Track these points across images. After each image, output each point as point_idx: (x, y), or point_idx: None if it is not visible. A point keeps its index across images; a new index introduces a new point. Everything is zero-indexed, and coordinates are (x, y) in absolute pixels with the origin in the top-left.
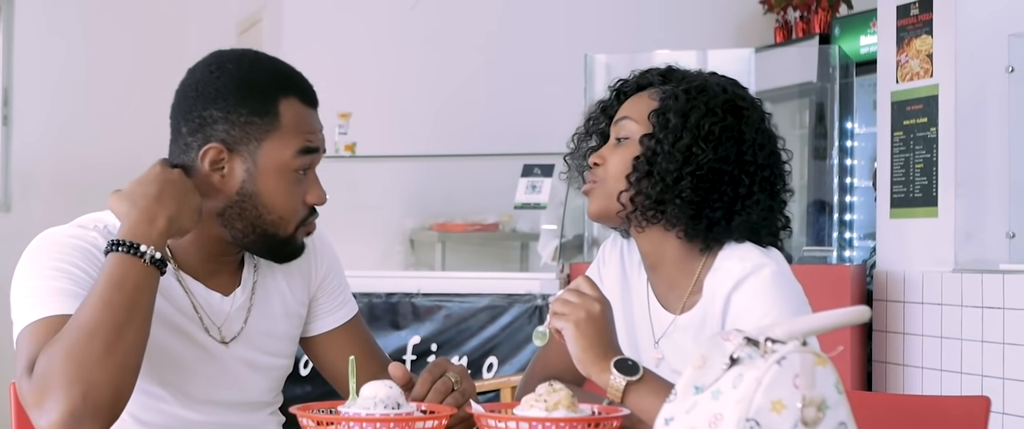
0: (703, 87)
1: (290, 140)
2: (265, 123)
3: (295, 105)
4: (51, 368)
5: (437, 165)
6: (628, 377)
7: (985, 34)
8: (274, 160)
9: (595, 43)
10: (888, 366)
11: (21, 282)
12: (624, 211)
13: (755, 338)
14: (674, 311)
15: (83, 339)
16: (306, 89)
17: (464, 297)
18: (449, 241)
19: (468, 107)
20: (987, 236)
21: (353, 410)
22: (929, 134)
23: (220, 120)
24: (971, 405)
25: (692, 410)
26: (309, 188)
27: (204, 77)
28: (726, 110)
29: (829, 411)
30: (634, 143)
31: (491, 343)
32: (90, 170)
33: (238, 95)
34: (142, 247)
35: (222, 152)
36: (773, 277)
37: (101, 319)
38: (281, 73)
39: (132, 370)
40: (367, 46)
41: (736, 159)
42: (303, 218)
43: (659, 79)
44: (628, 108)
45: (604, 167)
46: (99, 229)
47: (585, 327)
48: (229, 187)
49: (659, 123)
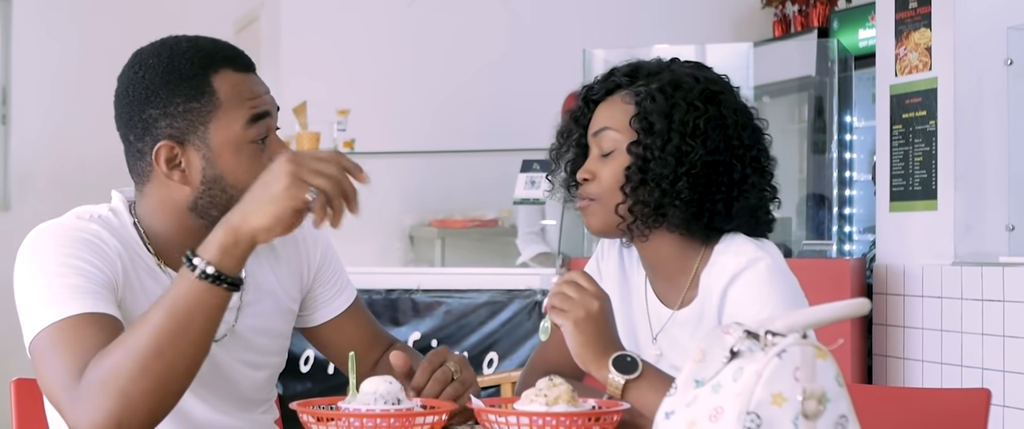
0: (676, 82)
1: (235, 113)
2: (203, 105)
3: (228, 76)
4: (105, 380)
5: (436, 161)
6: (626, 375)
7: (984, 27)
8: (226, 138)
9: (593, 38)
10: (888, 359)
11: (29, 281)
12: (624, 222)
13: (755, 331)
14: (672, 306)
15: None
16: (234, 56)
17: (464, 293)
18: (448, 237)
19: (467, 103)
20: (987, 229)
21: (353, 406)
22: (928, 127)
23: (160, 117)
24: (972, 397)
25: (692, 404)
26: (272, 152)
27: (131, 80)
28: (705, 100)
29: (830, 404)
30: (621, 153)
31: (491, 339)
32: (88, 168)
33: (168, 86)
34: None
35: (173, 148)
36: (768, 271)
37: (163, 333)
38: (205, 49)
39: (175, 391)
40: (365, 43)
41: (725, 147)
42: None
43: (626, 80)
44: (605, 118)
45: (596, 182)
46: (94, 219)
47: (584, 325)
48: (193, 180)
49: (643, 128)
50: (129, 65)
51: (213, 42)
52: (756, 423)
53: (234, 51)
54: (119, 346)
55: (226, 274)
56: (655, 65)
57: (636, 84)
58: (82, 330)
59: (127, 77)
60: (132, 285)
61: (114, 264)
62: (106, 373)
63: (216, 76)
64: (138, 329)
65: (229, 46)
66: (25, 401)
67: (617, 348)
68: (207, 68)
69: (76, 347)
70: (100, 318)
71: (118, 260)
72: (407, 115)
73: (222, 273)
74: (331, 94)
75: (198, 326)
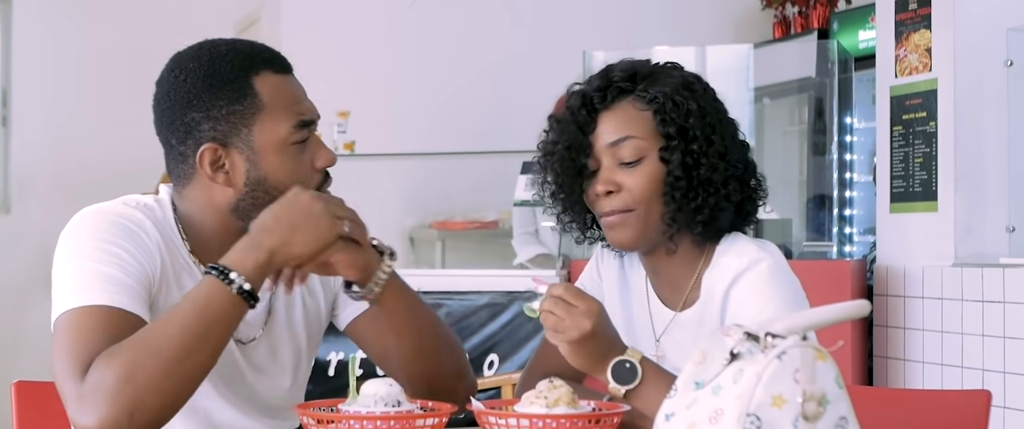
0: (685, 83)
1: (280, 115)
2: (246, 107)
3: (269, 78)
4: (105, 379)
5: (436, 163)
6: (626, 385)
7: (984, 28)
8: (269, 140)
9: (593, 39)
10: (889, 361)
11: (66, 261)
12: (669, 231)
13: (755, 333)
14: (674, 308)
15: (146, 357)
16: (272, 58)
17: (464, 295)
18: (449, 239)
19: (467, 105)
20: (987, 230)
21: (353, 408)
22: (928, 128)
23: (203, 120)
24: (972, 399)
25: (692, 406)
26: (314, 154)
27: (172, 84)
28: (713, 99)
29: (830, 406)
30: (651, 161)
31: (492, 341)
32: (89, 170)
33: (210, 90)
34: (232, 274)
35: (217, 150)
36: (770, 271)
37: (170, 340)
38: (242, 53)
39: (186, 395)
40: (366, 44)
41: (739, 149)
42: (318, 184)
43: (628, 85)
44: (621, 126)
45: (627, 193)
46: (140, 206)
47: (578, 345)
48: (236, 181)
49: (678, 133)
50: (169, 70)
51: (251, 44)
52: (756, 425)
53: (272, 53)
54: (140, 345)
55: (255, 291)
56: (648, 67)
57: (639, 89)
58: (100, 322)
59: (167, 82)
60: (168, 280)
61: (153, 257)
62: (125, 370)
63: (257, 78)
64: (163, 330)
65: (267, 48)
66: (26, 403)
67: (617, 353)
68: (248, 70)
69: (88, 339)
70: (125, 316)
71: (157, 253)
72: (407, 117)
73: (254, 290)
74: (331, 96)
75: (219, 334)
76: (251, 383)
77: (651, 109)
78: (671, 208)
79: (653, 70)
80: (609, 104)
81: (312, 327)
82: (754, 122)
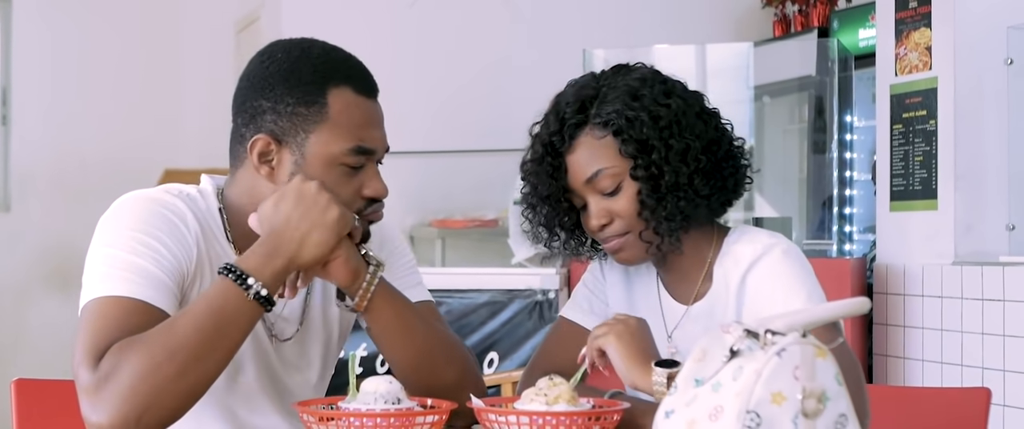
0: (631, 93)
1: (340, 133)
2: (312, 113)
3: (346, 94)
4: (117, 373)
5: (436, 161)
6: (669, 370)
7: (984, 26)
8: (322, 152)
9: (593, 38)
10: (889, 359)
11: (101, 247)
12: (653, 245)
13: (755, 330)
14: (686, 302)
15: (160, 357)
16: (359, 77)
17: (464, 293)
18: (448, 237)
19: (467, 103)
20: (987, 228)
21: (353, 405)
22: (928, 127)
23: (268, 110)
24: (972, 396)
25: (692, 403)
26: (366, 181)
27: (256, 67)
28: (665, 96)
29: (829, 403)
30: (628, 183)
31: (492, 339)
32: (89, 169)
33: (286, 84)
34: (250, 280)
35: (270, 144)
36: (785, 255)
37: (185, 342)
38: (332, 61)
39: (196, 397)
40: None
41: (704, 128)
42: (359, 211)
43: (580, 117)
44: (590, 161)
45: (620, 219)
46: (182, 196)
47: (626, 338)
48: (279, 178)
49: (638, 149)
50: (261, 52)
51: (347, 58)
52: (756, 422)
53: (361, 72)
54: (156, 344)
55: (272, 296)
56: (592, 89)
57: (591, 116)
58: (125, 315)
59: (255, 62)
60: (203, 273)
61: (189, 249)
62: (139, 368)
63: (333, 90)
64: (180, 331)
65: (359, 67)
66: (26, 401)
67: (657, 356)
68: (327, 79)
69: (109, 329)
70: (150, 309)
71: (194, 245)
72: (407, 115)
73: (271, 296)
74: None
75: (234, 338)
76: (282, 378)
77: (609, 132)
78: (651, 222)
79: (598, 90)
80: (570, 144)
81: (344, 323)
82: (754, 120)
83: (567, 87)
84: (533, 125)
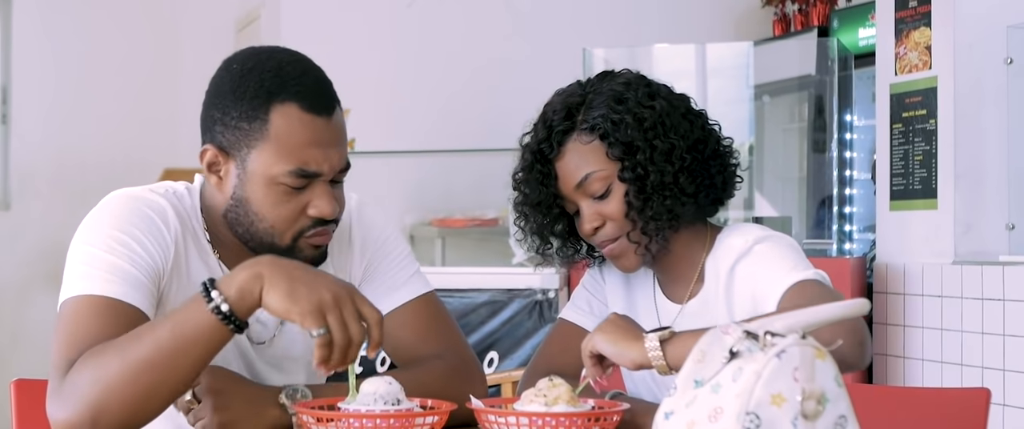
0: (616, 97)
1: (280, 154)
2: (253, 129)
3: (290, 112)
4: (76, 374)
5: (436, 160)
6: (660, 333)
7: (983, 26)
8: (261, 171)
9: (593, 37)
10: (889, 359)
11: (80, 244)
12: (641, 246)
13: (755, 332)
14: (680, 301)
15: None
16: (310, 94)
17: (464, 292)
18: (449, 236)
19: (466, 102)
20: (987, 228)
21: (353, 406)
22: (928, 126)
23: (218, 121)
24: (972, 397)
25: (692, 404)
26: (313, 200)
27: (216, 76)
28: (649, 98)
29: (829, 404)
30: (616, 185)
31: (492, 338)
32: (89, 168)
33: (233, 96)
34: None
35: (217, 155)
36: (775, 243)
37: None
38: (282, 76)
39: (155, 406)
40: (365, 42)
41: (690, 128)
42: (302, 229)
43: (567, 124)
44: (578, 166)
45: (612, 223)
46: (167, 193)
47: (608, 328)
48: (226, 190)
49: (624, 152)
50: (224, 62)
51: (301, 73)
52: (755, 423)
53: (315, 90)
54: (116, 349)
55: (237, 316)
56: (578, 96)
57: (578, 122)
58: (99, 315)
59: (219, 70)
60: (180, 271)
61: (167, 247)
62: (94, 372)
63: (277, 107)
64: (139, 339)
65: (314, 82)
66: (25, 401)
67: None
68: (273, 95)
69: (83, 331)
70: (124, 307)
71: (172, 243)
72: (407, 114)
73: (234, 314)
74: None
75: (196, 355)
76: (266, 379)
77: (596, 137)
78: (638, 223)
79: (584, 97)
80: (558, 151)
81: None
82: (754, 120)
83: (554, 96)
84: (523, 136)
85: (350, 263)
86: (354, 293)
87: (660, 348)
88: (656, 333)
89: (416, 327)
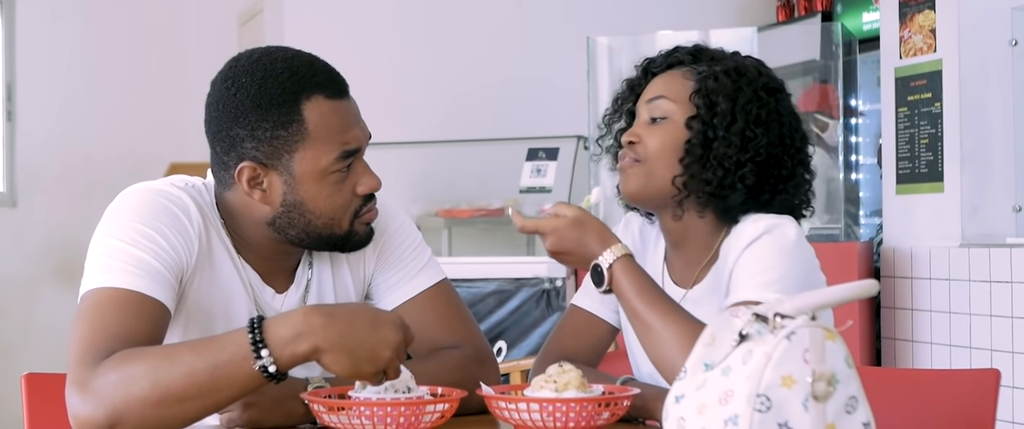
0: (741, 69)
1: (324, 146)
2: (291, 134)
3: (319, 104)
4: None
5: (442, 151)
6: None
7: (988, 8)
8: (310, 169)
9: (597, 25)
10: (897, 342)
11: (103, 236)
12: (678, 195)
13: (764, 314)
14: (685, 286)
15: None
16: (328, 81)
17: (472, 282)
18: (455, 227)
19: (472, 93)
20: (993, 210)
21: (363, 395)
22: (933, 109)
23: (247, 138)
24: (981, 378)
25: (702, 387)
26: (358, 179)
27: (223, 94)
28: (767, 92)
29: (839, 385)
30: (674, 124)
31: (500, 327)
32: (95, 164)
33: (258, 110)
34: (263, 351)
35: (256, 169)
36: (783, 238)
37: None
38: (296, 74)
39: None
40: (370, 34)
41: (779, 142)
42: (357, 209)
43: (689, 58)
44: (662, 86)
45: (642, 145)
46: (188, 188)
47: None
48: (273, 200)
49: (705, 105)
50: (223, 78)
51: (309, 64)
52: (766, 405)
53: (329, 76)
54: (147, 366)
55: (282, 374)
56: (719, 51)
57: (698, 64)
58: (122, 308)
59: (219, 90)
60: (203, 266)
61: (191, 243)
62: (123, 385)
63: (307, 104)
64: (173, 363)
65: (325, 70)
66: (36, 396)
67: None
68: (298, 94)
69: (107, 324)
70: (147, 301)
71: (197, 239)
72: (413, 105)
73: (279, 372)
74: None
75: (229, 394)
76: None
77: (694, 79)
78: (683, 173)
79: (718, 54)
80: (661, 71)
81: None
82: None
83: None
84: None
85: (363, 252)
86: (406, 332)
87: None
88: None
89: (432, 317)
